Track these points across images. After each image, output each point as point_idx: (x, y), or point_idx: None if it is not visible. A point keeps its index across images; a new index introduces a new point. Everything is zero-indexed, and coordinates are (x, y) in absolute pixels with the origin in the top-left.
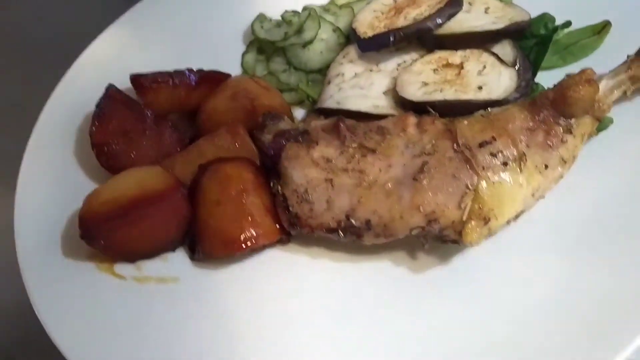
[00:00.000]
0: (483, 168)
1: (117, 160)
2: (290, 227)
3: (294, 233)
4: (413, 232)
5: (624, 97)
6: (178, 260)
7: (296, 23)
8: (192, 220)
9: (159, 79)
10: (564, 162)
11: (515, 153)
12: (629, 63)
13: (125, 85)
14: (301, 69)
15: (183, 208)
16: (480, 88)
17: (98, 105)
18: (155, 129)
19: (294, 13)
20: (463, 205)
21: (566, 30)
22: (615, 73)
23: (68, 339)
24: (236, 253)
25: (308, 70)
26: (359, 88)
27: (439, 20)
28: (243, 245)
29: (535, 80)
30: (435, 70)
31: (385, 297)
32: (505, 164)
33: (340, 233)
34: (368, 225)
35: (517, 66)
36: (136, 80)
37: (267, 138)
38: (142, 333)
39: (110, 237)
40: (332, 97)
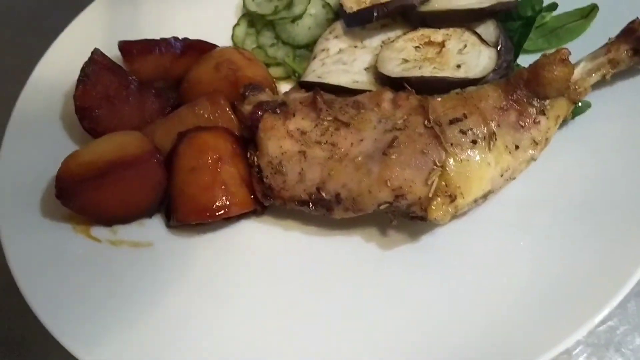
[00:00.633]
0: (452, 145)
1: (99, 125)
2: (264, 198)
3: (267, 204)
4: (381, 207)
5: (604, 81)
6: (154, 226)
7: None
8: (168, 186)
9: (146, 46)
10: (535, 144)
11: (485, 131)
12: (609, 46)
13: (114, 53)
14: (289, 44)
15: (158, 174)
16: (458, 66)
17: (83, 70)
18: (138, 95)
19: None
20: (430, 182)
21: (553, 13)
22: (594, 56)
23: (40, 297)
24: (208, 220)
25: (296, 45)
26: (342, 63)
27: None
28: (216, 213)
29: (519, 63)
30: (417, 48)
31: (354, 272)
32: (474, 142)
33: (311, 205)
34: (337, 198)
35: (499, 46)
36: (124, 46)
37: (247, 109)
38: (113, 294)
39: (84, 198)
40: (315, 72)
